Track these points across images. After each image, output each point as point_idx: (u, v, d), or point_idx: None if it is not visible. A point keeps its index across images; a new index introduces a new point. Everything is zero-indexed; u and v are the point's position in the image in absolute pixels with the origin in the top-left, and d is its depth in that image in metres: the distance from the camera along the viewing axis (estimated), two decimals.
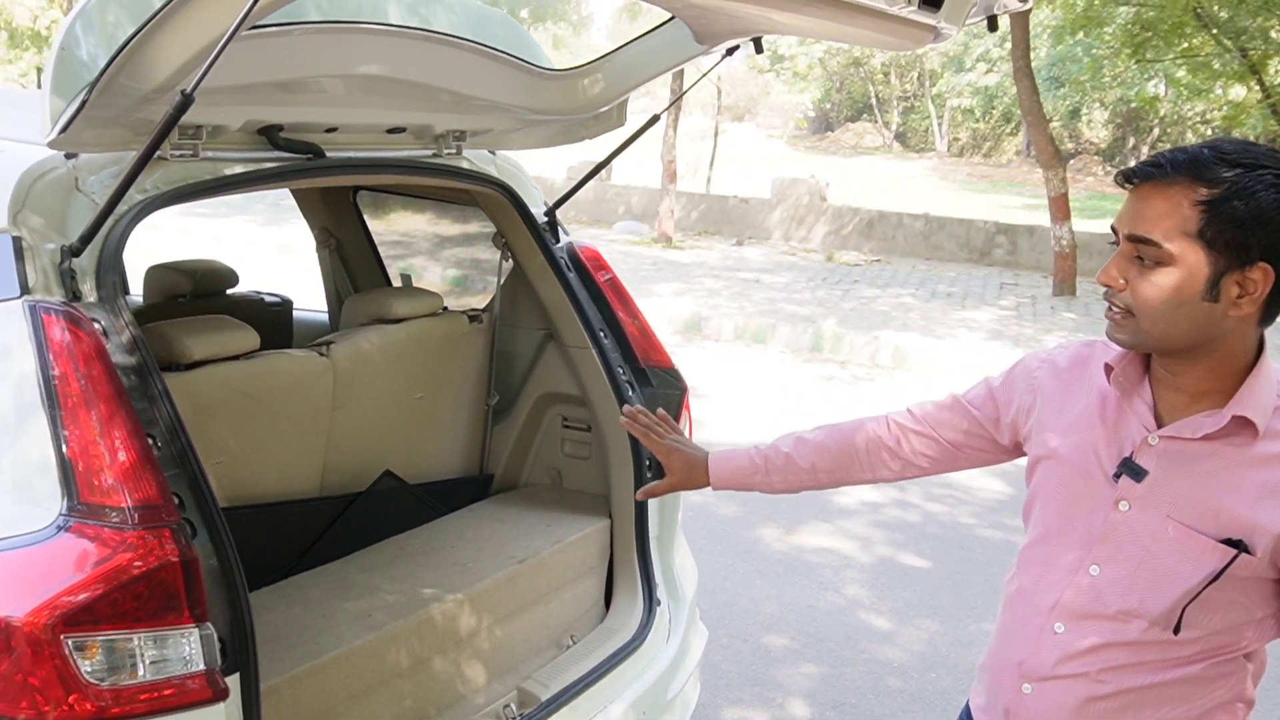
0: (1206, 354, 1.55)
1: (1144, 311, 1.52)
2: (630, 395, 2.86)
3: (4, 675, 1.66)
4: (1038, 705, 1.70)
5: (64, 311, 1.81)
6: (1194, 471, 1.57)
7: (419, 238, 3.90)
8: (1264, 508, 1.52)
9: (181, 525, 1.77)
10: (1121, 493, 1.62)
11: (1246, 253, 1.45)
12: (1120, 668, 1.63)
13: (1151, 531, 1.59)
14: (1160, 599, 1.58)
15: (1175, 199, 1.47)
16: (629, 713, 2.62)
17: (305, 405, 2.70)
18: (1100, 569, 1.64)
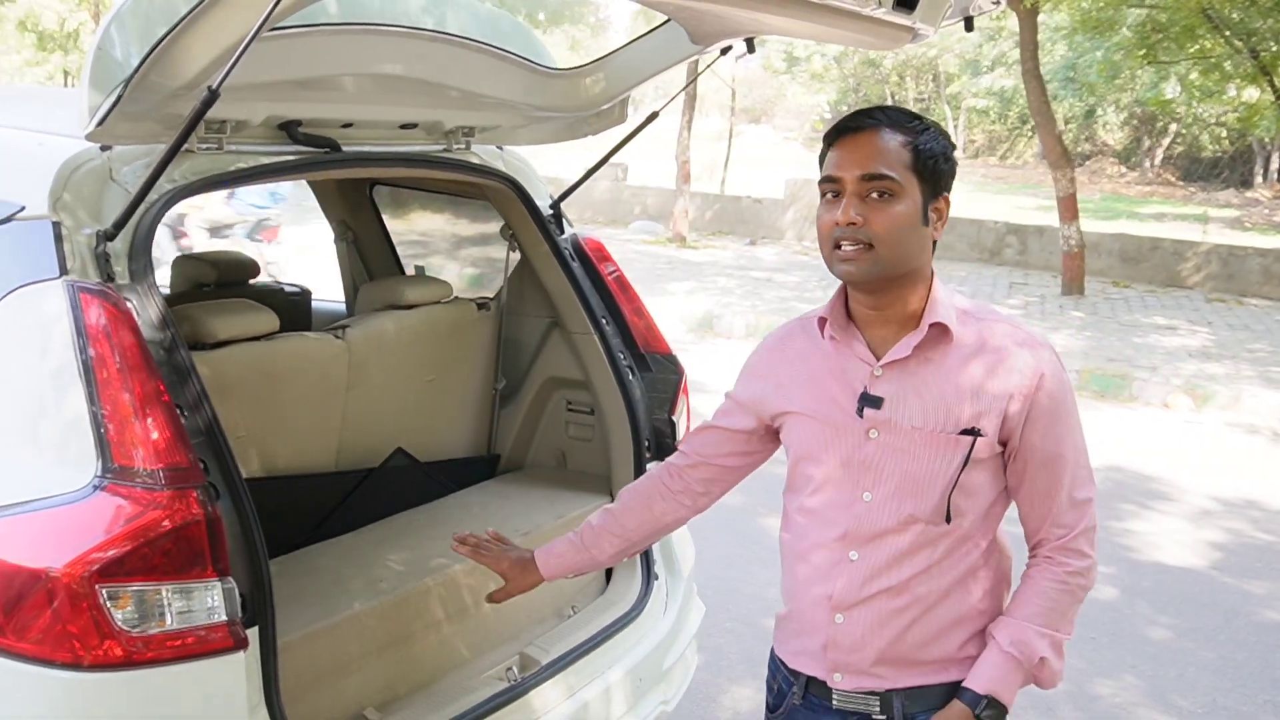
0: (913, 278, 1.84)
1: (883, 239, 1.78)
2: (630, 380, 3.00)
3: (45, 623, 1.81)
4: (852, 630, 1.89)
5: (99, 291, 1.96)
6: (918, 384, 1.84)
7: (431, 231, 4.05)
8: (980, 396, 1.81)
9: (206, 487, 1.92)
10: (868, 423, 1.86)
11: (939, 182, 1.81)
12: (923, 573, 1.85)
13: (901, 446, 1.84)
14: (928, 499, 1.83)
15: (893, 142, 1.79)
16: (626, 679, 2.76)
17: (322, 385, 2.86)
18: (871, 494, 1.87)
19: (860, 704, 1.91)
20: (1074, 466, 1.85)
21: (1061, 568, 1.85)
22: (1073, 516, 1.85)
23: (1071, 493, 1.85)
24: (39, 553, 1.82)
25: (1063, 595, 1.84)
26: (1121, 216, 20.42)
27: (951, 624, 1.87)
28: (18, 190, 2.07)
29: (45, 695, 1.84)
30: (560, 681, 2.60)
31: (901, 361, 1.84)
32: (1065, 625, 1.86)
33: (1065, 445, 1.84)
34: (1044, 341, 1.85)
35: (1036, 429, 1.81)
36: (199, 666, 1.90)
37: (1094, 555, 1.87)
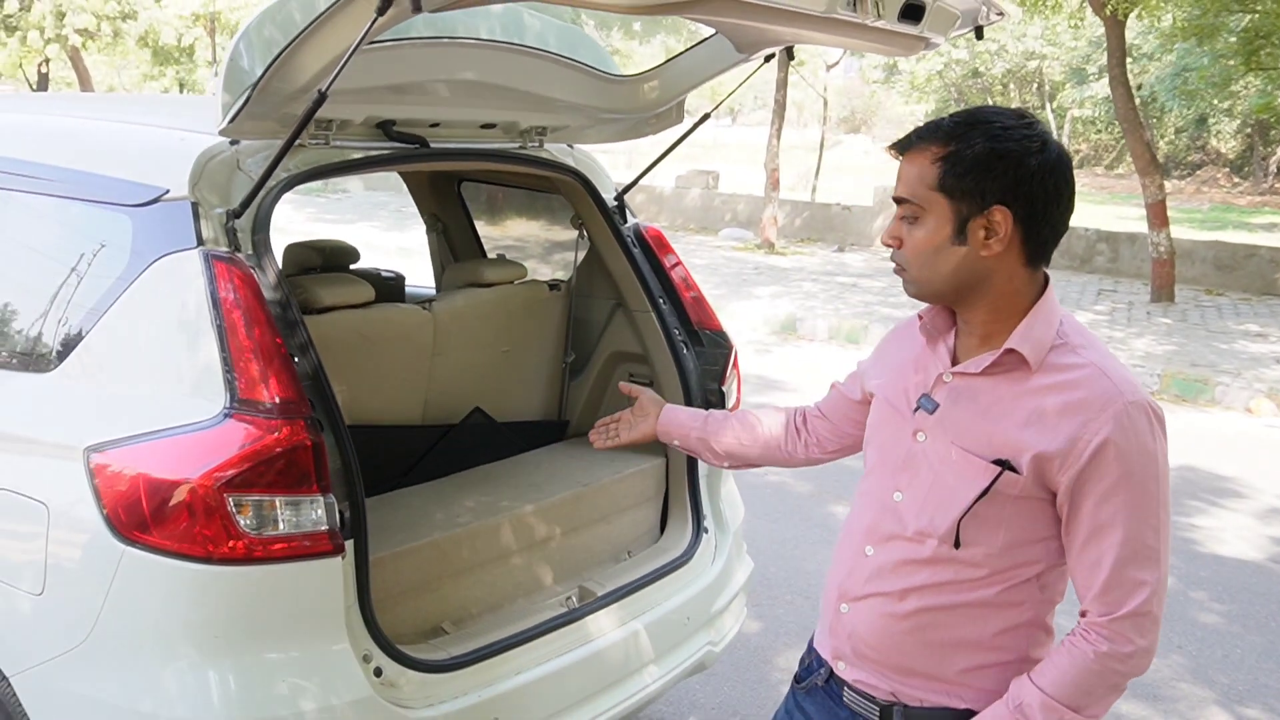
0: (982, 296, 1.76)
1: (911, 262, 1.78)
2: (684, 353, 3.34)
3: (185, 525, 2.23)
4: (851, 622, 1.90)
5: (228, 258, 2.38)
6: (976, 403, 1.78)
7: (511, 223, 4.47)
8: (1029, 431, 1.71)
9: (312, 420, 2.32)
10: (918, 424, 1.84)
11: (982, 198, 1.69)
12: (920, 588, 1.82)
13: (940, 456, 1.80)
14: (945, 517, 1.78)
15: (921, 161, 1.73)
16: (674, 615, 3.11)
17: (410, 349, 3.28)
18: (902, 494, 1.85)
19: (862, 708, 1.92)
20: (1132, 545, 1.69)
21: (1095, 647, 1.71)
22: (1119, 596, 1.69)
23: (1123, 571, 1.69)
24: (180, 468, 2.24)
25: (1091, 676, 1.71)
26: (1228, 227, 20.07)
27: (951, 646, 1.83)
28: (163, 176, 2.49)
29: (183, 583, 2.26)
30: (613, 612, 2.95)
31: (971, 376, 1.79)
32: (1089, 706, 1.73)
33: (1124, 520, 1.69)
34: (1140, 400, 1.69)
35: (1090, 495, 1.69)
36: (304, 566, 2.30)
37: (1143, 642, 1.70)
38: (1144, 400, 1.70)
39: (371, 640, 2.44)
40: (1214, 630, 4.85)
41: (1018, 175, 1.68)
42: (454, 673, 2.57)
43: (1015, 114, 1.75)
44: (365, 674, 2.40)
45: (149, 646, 2.30)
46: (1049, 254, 1.78)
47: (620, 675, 2.94)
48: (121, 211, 2.54)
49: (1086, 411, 1.68)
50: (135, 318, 2.45)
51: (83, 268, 2.60)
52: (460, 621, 2.84)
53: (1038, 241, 1.74)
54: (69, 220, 2.69)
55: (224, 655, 2.27)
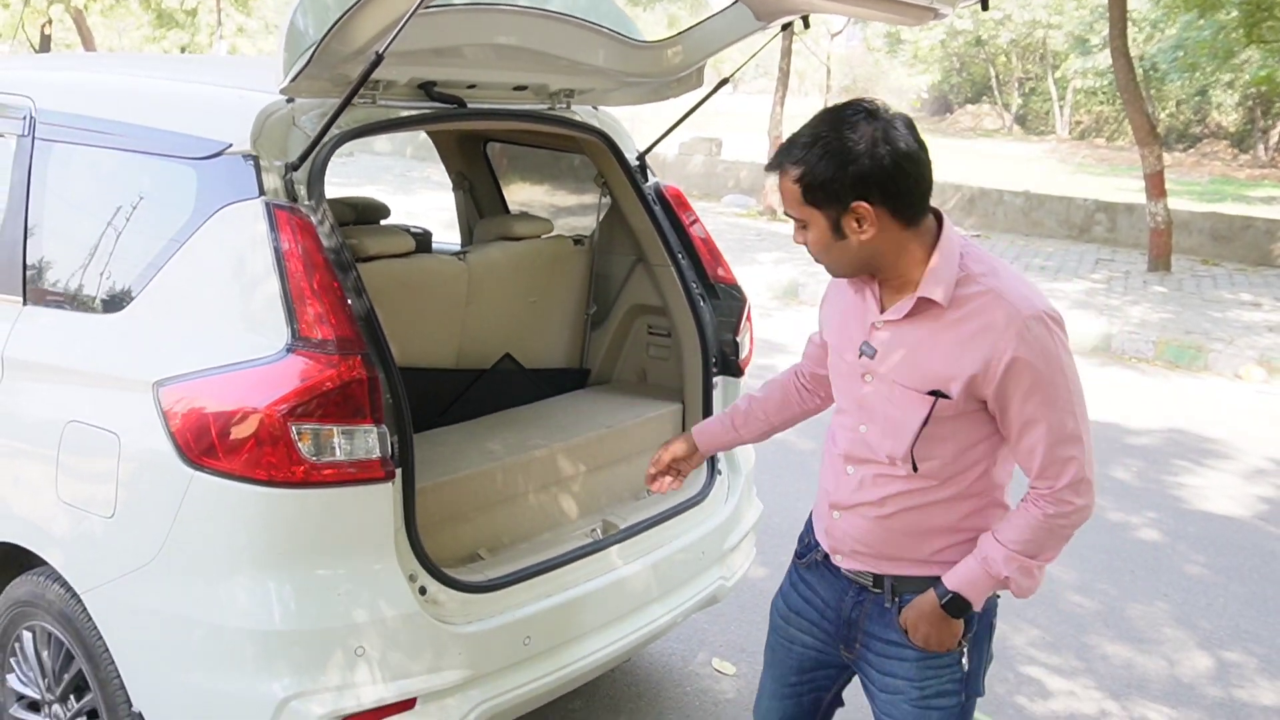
0: (882, 265, 2.07)
1: (816, 257, 2.11)
2: (701, 306, 3.52)
3: (251, 450, 2.43)
4: (842, 527, 2.26)
5: (288, 208, 2.56)
6: (905, 344, 2.08)
7: (536, 181, 4.65)
8: (951, 361, 2.02)
9: (366, 356, 2.51)
10: (864, 368, 2.16)
11: (840, 200, 1.98)
12: (896, 495, 2.16)
13: (886, 395, 2.12)
14: (899, 445, 2.11)
15: (786, 183, 2.03)
16: (690, 548, 3.32)
17: (446, 298, 3.48)
18: (866, 428, 2.18)
19: (858, 577, 2.27)
20: (1056, 431, 2.01)
21: (1043, 510, 2.04)
22: (1056, 470, 2.02)
23: (1053, 452, 2.01)
24: (247, 399, 2.44)
25: (1040, 530, 2.05)
26: (1227, 199, 20.16)
27: (926, 534, 2.16)
28: (225, 131, 2.67)
29: (247, 505, 2.46)
30: (634, 544, 3.16)
31: (896, 321, 2.08)
32: (1044, 553, 2.07)
33: (1045, 413, 2.00)
34: (1036, 312, 1.97)
35: (1012, 399, 2.00)
36: (358, 491, 2.50)
37: (1081, 501, 2.04)
38: (1039, 311, 1.98)
39: (417, 561, 2.63)
40: (1198, 580, 5.07)
41: (859, 172, 1.95)
42: (490, 594, 2.78)
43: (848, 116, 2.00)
44: (411, 591, 2.61)
45: (214, 563, 2.50)
46: (923, 208, 2.04)
47: (639, 603, 3.14)
48: (187, 164, 2.73)
49: (993, 333, 1.97)
50: (200, 262, 2.64)
51: (150, 217, 2.79)
52: (495, 549, 3.05)
53: (905, 208, 2.01)
54: (138, 173, 2.87)
55: (283, 571, 2.48)
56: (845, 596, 2.30)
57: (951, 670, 2.23)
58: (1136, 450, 6.85)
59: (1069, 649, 4.38)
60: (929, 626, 2.16)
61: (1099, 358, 9.17)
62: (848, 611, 2.30)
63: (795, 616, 2.43)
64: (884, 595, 2.23)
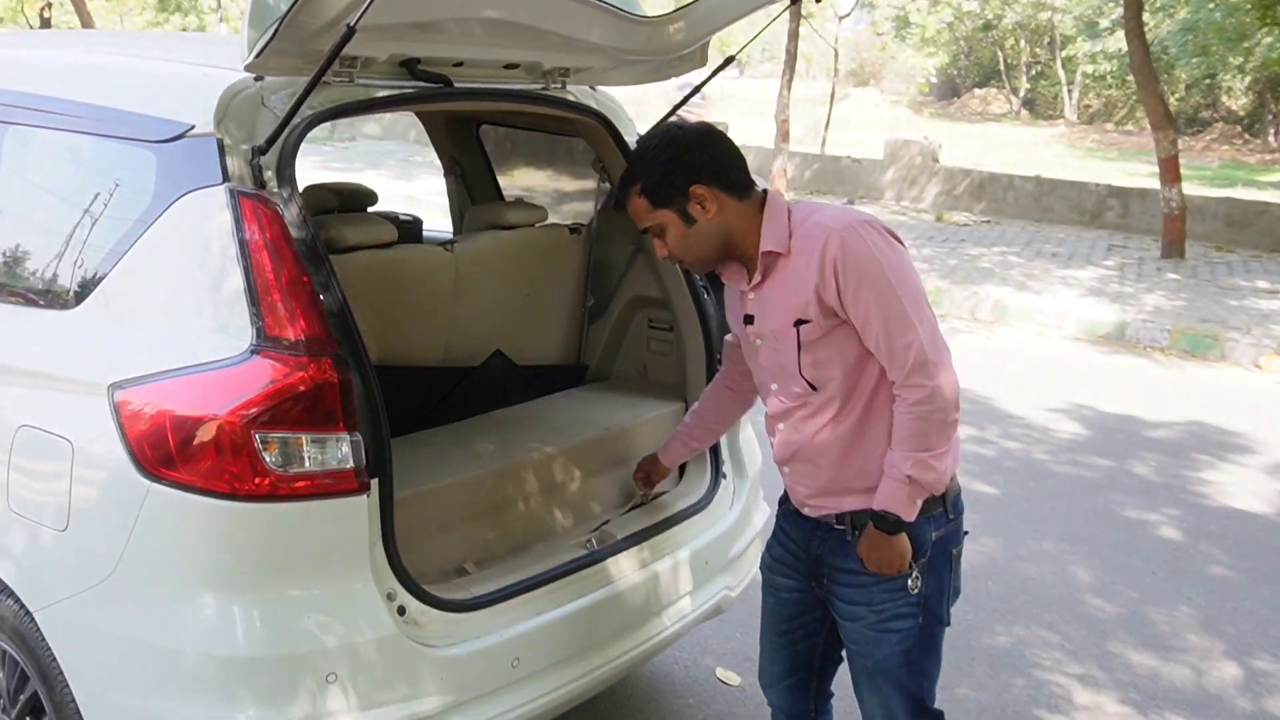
0: (736, 241, 2.40)
1: (683, 256, 2.45)
2: (705, 299, 3.34)
3: (211, 461, 2.23)
4: (793, 477, 2.53)
5: (254, 195, 2.36)
6: (769, 300, 2.40)
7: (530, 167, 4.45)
8: (800, 290, 2.31)
9: (339, 358, 2.31)
10: (751, 334, 2.48)
11: (677, 191, 2.35)
12: (818, 431, 2.40)
13: (772, 347, 2.43)
14: (796, 380, 2.40)
15: (634, 202, 2.41)
16: (693, 558, 3.13)
17: (432, 291, 3.27)
18: (775, 384, 2.47)
19: (824, 521, 2.50)
20: (887, 320, 2.25)
21: (904, 401, 2.27)
22: (900, 359, 2.25)
23: (891, 342, 2.26)
24: (207, 404, 2.24)
25: (914, 422, 2.27)
26: (1238, 184, 19.91)
27: (863, 462, 2.38)
28: (188, 112, 2.47)
29: (208, 519, 2.26)
30: (633, 555, 2.97)
31: (759, 285, 2.41)
32: (929, 443, 2.29)
33: (874, 305, 2.25)
34: (844, 224, 2.28)
35: (847, 301, 2.26)
36: (330, 504, 2.31)
37: (931, 382, 2.25)
38: (850, 222, 2.29)
39: (395, 579, 2.45)
40: (1222, 582, 4.87)
41: (684, 162, 2.34)
42: (476, 613, 2.59)
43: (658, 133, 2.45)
44: (389, 612, 2.42)
45: (173, 582, 2.31)
46: (747, 179, 2.41)
47: (639, 618, 2.96)
48: (146, 147, 2.52)
49: (815, 254, 2.28)
50: (160, 255, 2.44)
51: (106, 204, 2.59)
52: (482, 562, 2.85)
53: (733, 181, 2.38)
54: (93, 157, 2.67)
55: (248, 591, 2.29)
56: (813, 536, 2.52)
57: (904, 593, 2.42)
58: (1154, 444, 6.67)
59: (1090, 657, 4.20)
60: (874, 550, 2.37)
61: (1111, 346, 8.99)
62: (816, 548, 2.52)
63: (776, 564, 2.65)
64: (845, 529, 2.45)
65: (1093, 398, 7.45)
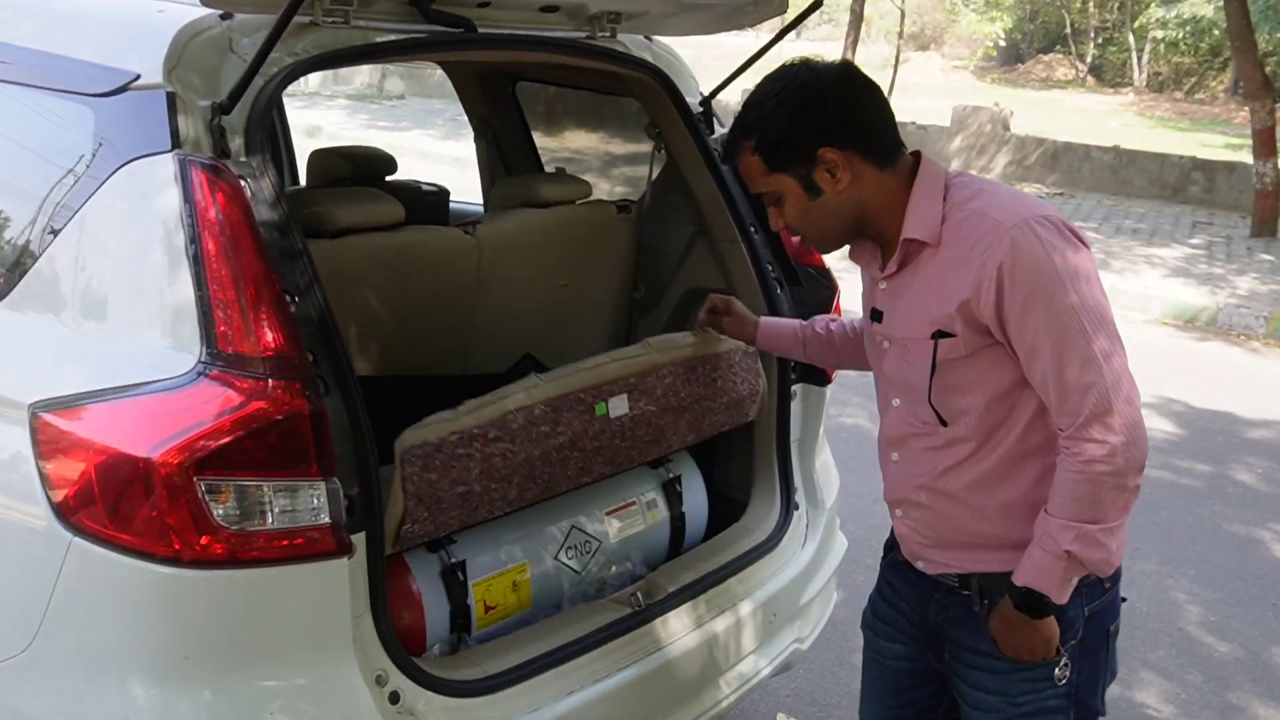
0: (870, 217, 1.92)
1: (801, 231, 1.98)
2: (778, 294, 2.80)
3: (145, 515, 1.72)
4: (908, 523, 2.05)
5: (211, 166, 1.84)
6: (905, 295, 1.94)
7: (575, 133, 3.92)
8: (947, 295, 1.84)
9: (314, 381, 1.80)
10: (879, 334, 2.03)
11: (803, 154, 1.86)
12: (947, 471, 1.93)
13: (899, 356, 1.97)
14: (922, 403, 1.93)
15: (746, 160, 1.94)
16: (759, 612, 2.60)
17: (449, 282, 2.73)
18: (898, 399, 2.01)
19: (944, 578, 2.03)
20: (1062, 352, 1.77)
21: (1075, 457, 1.78)
22: (1074, 403, 1.77)
23: (1063, 378, 1.77)
24: (139, 440, 1.73)
25: (1083, 484, 1.78)
26: None
27: (1000, 512, 1.92)
28: (134, 58, 1.95)
29: (144, 588, 1.76)
30: (687, 611, 2.45)
31: (895, 275, 1.96)
32: (1100, 513, 1.79)
33: (1046, 334, 1.77)
34: (1016, 217, 1.80)
35: (1010, 322, 1.80)
36: (300, 570, 1.80)
37: (1114, 439, 1.75)
38: (1026, 218, 1.79)
39: (387, 656, 1.95)
40: None
41: (815, 118, 1.85)
42: (490, 697, 2.08)
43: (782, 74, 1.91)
44: (377, 701, 1.92)
45: (102, 665, 1.81)
46: (894, 142, 1.91)
47: (693, 689, 2.45)
48: (81, 102, 2.02)
49: (978, 252, 1.80)
50: (94, 241, 1.93)
51: (34, 176, 2.08)
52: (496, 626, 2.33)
53: (874, 145, 1.89)
54: (17, 113, 2.15)
55: (195, 682, 1.79)
56: (931, 598, 2.07)
57: (1049, 684, 1.96)
58: (1257, 446, 6.08)
59: (1210, 708, 3.64)
60: (1013, 633, 1.92)
61: (1199, 332, 8.43)
62: (933, 616, 2.07)
63: (883, 625, 2.20)
64: (972, 597, 1.99)
65: (1185, 391, 6.87)
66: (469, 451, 2.16)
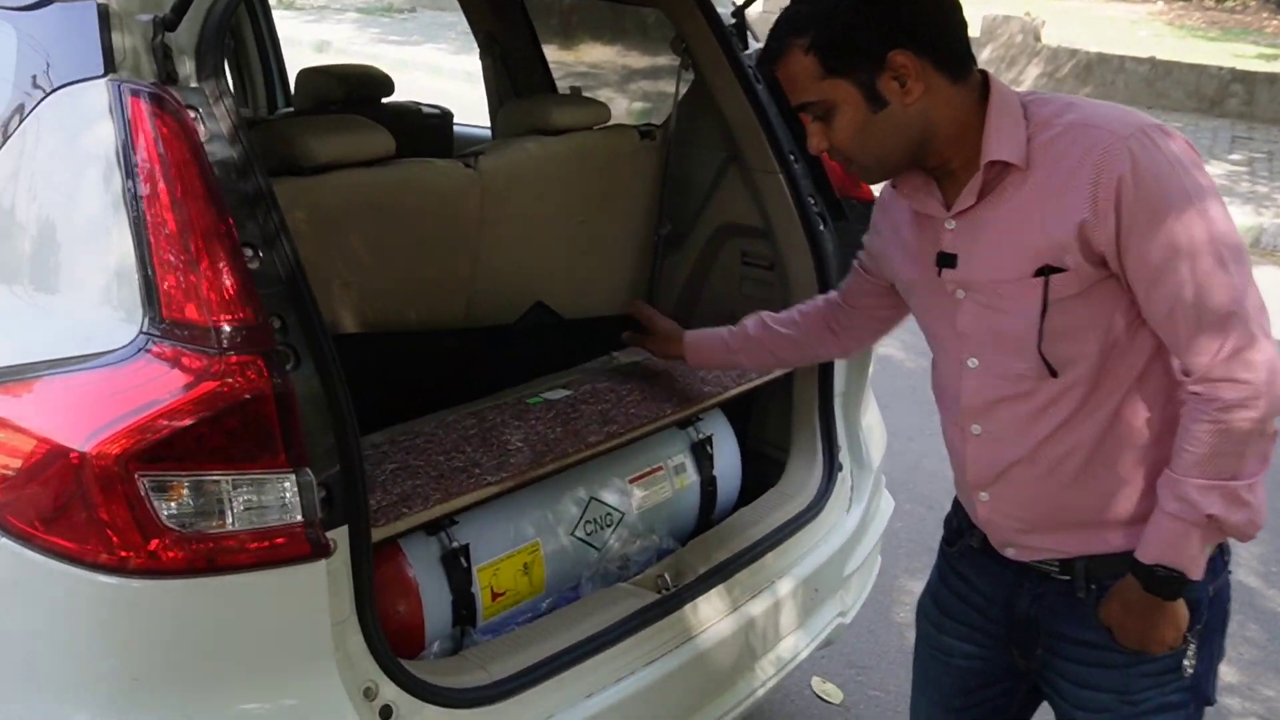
0: (935, 140, 1.63)
1: (852, 151, 1.66)
2: (821, 230, 2.51)
3: (78, 514, 1.45)
4: (1000, 507, 1.76)
5: (153, 94, 1.53)
6: (991, 230, 1.65)
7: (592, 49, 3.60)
8: (1052, 223, 1.57)
9: (279, 352, 1.51)
10: (951, 283, 1.71)
11: (870, 55, 1.57)
12: (1048, 438, 1.67)
13: (986, 304, 1.68)
14: (1027, 357, 1.64)
15: (795, 61, 1.62)
16: (800, 589, 2.34)
17: (448, 222, 2.42)
18: (975, 359, 1.72)
19: (1038, 565, 1.78)
20: (1195, 275, 1.52)
21: (1210, 404, 1.53)
22: (1210, 339, 1.52)
23: (1200, 307, 1.52)
24: (70, 428, 1.45)
25: (1220, 437, 1.53)
26: None
27: (1115, 482, 1.67)
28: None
29: (83, 601, 1.50)
30: (720, 594, 2.18)
31: (970, 210, 1.67)
32: (1242, 468, 1.55)
33: (1175, 255, 1.52)
34: (1129, 127, 1.54)
35: (1132, 242, 1.54)
36: (269, 577, 1.52)
37: (1258, 378, 1.50)
38: (1141, 127, 1.55)
39: (376, 664, 1.68)
40: None
41: (881, 14, 1.60)
42: (496, 706, 1.81)
43: None
44: (365, 718, 1.65)
45: (41, 689, 1.55)
46: (969, 54, 1.66)
47: (725, 681, 2.19)
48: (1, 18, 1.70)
49: (1087, 167, 1.55)
50: (16, 188, 1.64)
51: None
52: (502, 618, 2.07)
53: (950, 56, 1.63)
54: None
55: (146, 709, 1.52)
56: (1019, 588, 1.81)
57: (1175, 676, 1.72)
58: None
59: (1269, 668, 3.39)
60: (1138, 620, 1.67)
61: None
62: (1024, 608, 1.81)
63: (950, 622, 1.93)
64: (1075, 582, 1.74)
65: None
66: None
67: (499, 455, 2.11)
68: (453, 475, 2.01)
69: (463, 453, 2.10)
